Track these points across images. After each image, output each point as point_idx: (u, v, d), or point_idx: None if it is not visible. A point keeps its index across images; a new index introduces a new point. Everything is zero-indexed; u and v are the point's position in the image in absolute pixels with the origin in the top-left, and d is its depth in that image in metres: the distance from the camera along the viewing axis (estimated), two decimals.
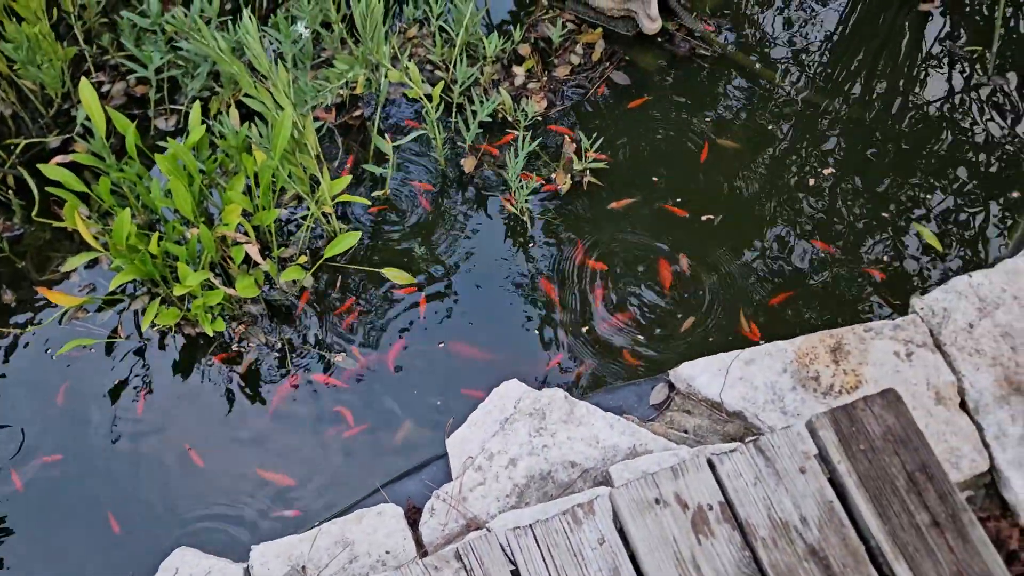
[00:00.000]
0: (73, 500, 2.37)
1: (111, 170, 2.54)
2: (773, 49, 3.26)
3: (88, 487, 2.39)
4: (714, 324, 2.57)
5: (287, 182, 2.56)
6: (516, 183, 2.77)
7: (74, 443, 2.46)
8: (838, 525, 1.76)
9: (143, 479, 2.40)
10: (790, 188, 2.87)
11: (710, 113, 3.06)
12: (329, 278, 2.71)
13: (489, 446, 2.19)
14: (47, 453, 2.44)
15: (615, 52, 3.20)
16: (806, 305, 2.61)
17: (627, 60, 3.18)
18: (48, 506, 2.37)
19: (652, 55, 3.22)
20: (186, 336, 2.61)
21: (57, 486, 2.39)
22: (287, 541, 2.10)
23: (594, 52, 3.19)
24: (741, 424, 2.24)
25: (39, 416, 2.50)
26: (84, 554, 2.29)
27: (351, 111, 3.04)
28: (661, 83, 3.14)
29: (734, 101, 3.11)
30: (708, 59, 3.20)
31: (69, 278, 2.74)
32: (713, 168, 2.92)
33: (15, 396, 2.54)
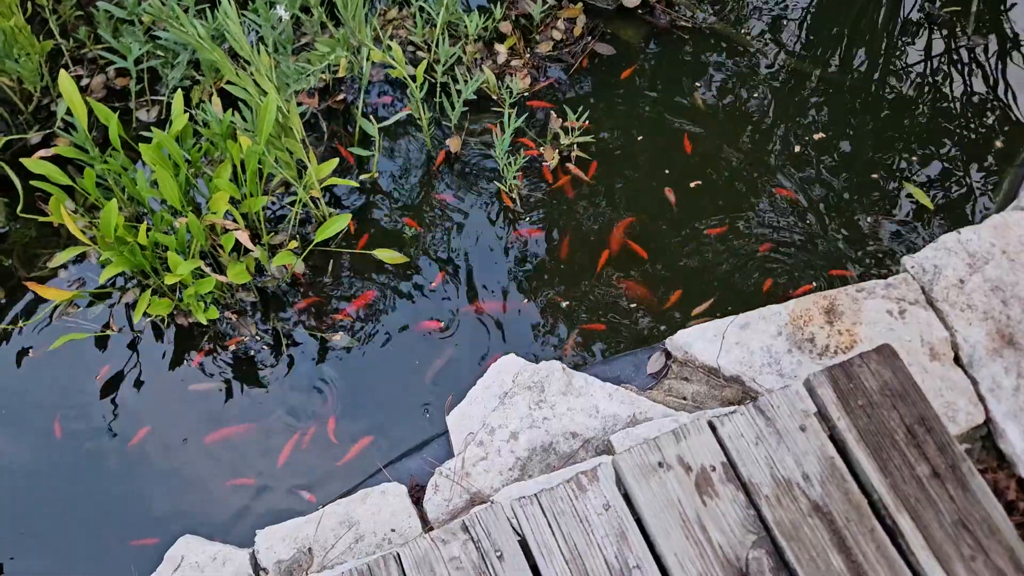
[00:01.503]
0: (74, 490, 2.36)
1: (95, 162, 2.52)
2: (753, 18, 3.26)
3: (87, 479, 2.38)
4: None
5: (274, 167, 2.55)
6: (503, 160, 2.76)
7: (72, 436, 2.44)
8: (840, 480, 1.77)
9: (142, 470, 2.39)
10: (775, 154, 2.88)
11: (692, 84, 3.06)
12: (320, 262, 2.70)
13: (490, 421, 2.19)
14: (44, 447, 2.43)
15: (596, 26, 3.19)
16: (795, 268, 2.62)
17: (609, 34, 3.18)
18: (49, 498, 2.35)
19: (633, 28, 3.22)
20: (179, 326, 2.60)
21: (61, 478, 2.38)
22: (292, 524, 2.10)
23: (576, 27, 3.18)
24: (739, 388, 2.25)
25: (34, 410, 2.49)
26: (86, 545, 2.28)
27: (334, 96, 3.02)
28: (643, 56, 3.14)
29: (715, 71, 3.11)
30: (688, 30, 3.20)
31: (57, 274, 2.72)
32: (697, 138, 2.92)
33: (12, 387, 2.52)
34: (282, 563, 2.05)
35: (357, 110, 2.90)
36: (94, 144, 2.57)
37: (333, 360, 2.53)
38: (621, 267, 2.64)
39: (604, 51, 3.13)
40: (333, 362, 2.53)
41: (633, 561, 1.70)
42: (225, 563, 2.07)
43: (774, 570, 1.68)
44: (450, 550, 1.72)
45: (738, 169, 2.84)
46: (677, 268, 2.64)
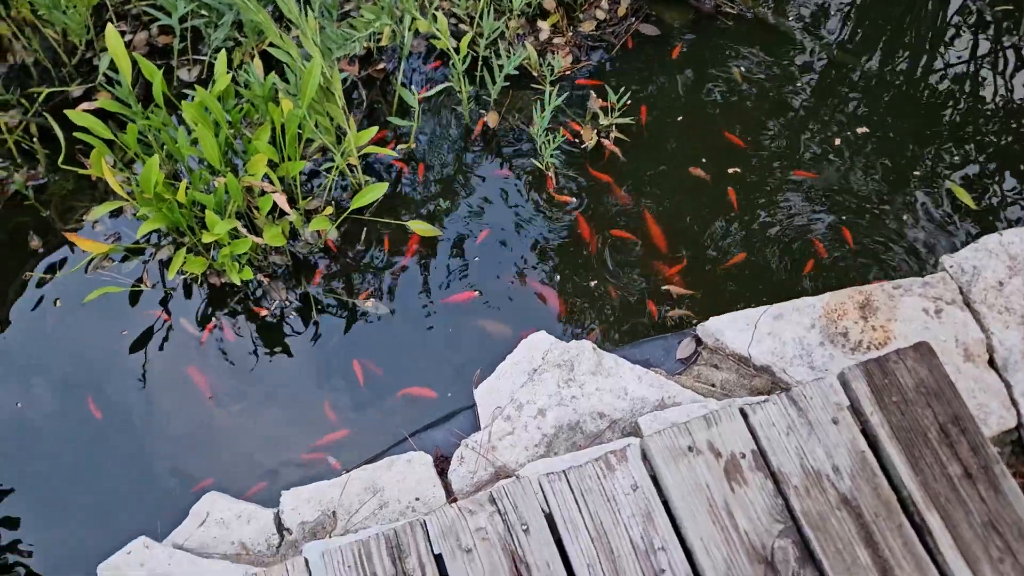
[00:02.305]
0: (105, 444, 2.39)
1: (137, 117, 2.53)
2: (798, 8, 3.22)
3: (118, 433, 2.41)
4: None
5: (314, 132, 2.55)
6: (542, 139, 2.75)
7: (103, 391, 2.47)
8: (870, 475, 1.77)
9: (171, 426, 2.41)
10: (815, 145, 2.85)
11: (733, 70, 3.03)
12: (353, 230, 2.70)
13: (518, 396, 2.20)
14: (74, 402, 2.46)
15: (640, 7, 3.16)
16: (832, 262, 2.60)
17: (653, 15, 3.15)
18: (76, 450, 2.39)
19: (677, 11, 3.18)
20: (211, 286, 2.61)
21: (90, 431, 2.41)
22: (317, 487, 2.12)
23: (619, 7, 3.15)
24: (768, 379, 2.24)
25: (63, 362, 2.52)
26: (114, 499, 2.31)
27: (374, 64, 3.01)
28: (685, 39, 3.11)
29: (758, 59, 3.08)
30: (733, 17, 3.16)
31: (93, 228, 2.73)
32: (737, 125, 2.89)
33: (44, 338, 2.55)
34: (306, 524, 2.07)
35: (397, 80, 2.89)
36: (136, 99, 2.58)
37: (363, 327, 2.54)
38: (653, 250, 2.63)
39: (648, 32, 3.10)
40: (363, 329, 2.54)
41: (659, 543, 1.71)
42: (250, 521, 2.10)
43: (799, 560, 1.69)
44: (477, 521, 1.73)
45: (774, 158, 2.81)
46: (710, 253, 2.62)
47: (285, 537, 2.07)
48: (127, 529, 2.14)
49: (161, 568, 1.97)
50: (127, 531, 2.12)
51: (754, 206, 2.72)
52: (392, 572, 1.69)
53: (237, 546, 2.05)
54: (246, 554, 2.04)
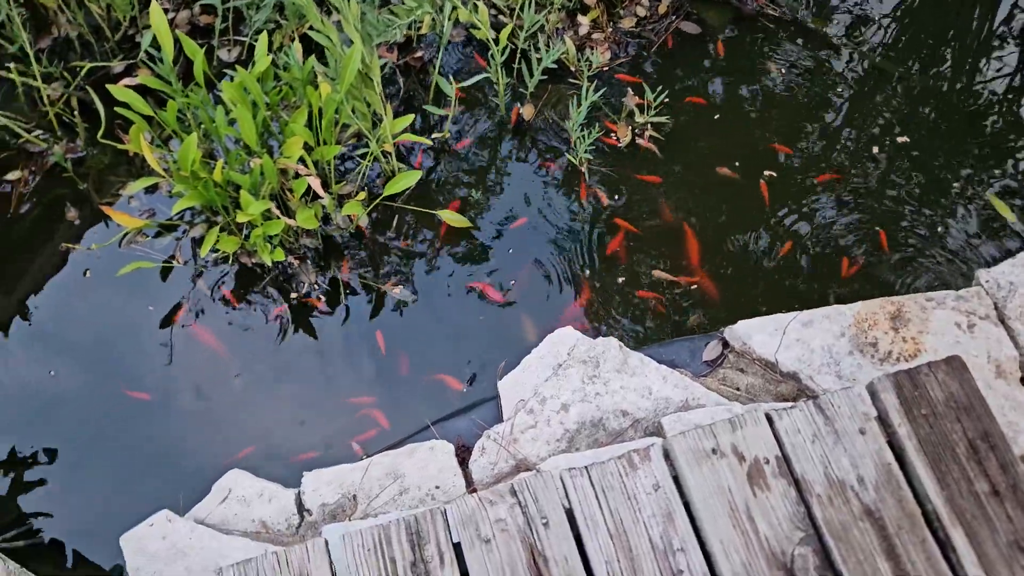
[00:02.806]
0: (132, 415, 2.42)
1: (177, 95, 2.55)
2: (843, 14, 3.18)
3: (143, 405, 2.44)
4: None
5: (350, 117, 2.56)
6: (576, 134, 2.74)
7: (131, 364, 2.50)
8: (895, 487, 1.75)
9: (194, 401, 2.44)
10: (850, 154, 2.82)
11: (773, 72, 3.00)
12: (384, 217, 2.71)
13: (542, 390, 2.20)
14: (102, 373, 2.50)
15: (682, 5, 3.14)
16: (865, 270, 2.58)
17: (694, 14, 3.13)
18: (107, 421, 2.42)
19: (718, 11, 3.16)
20: (243, 265, 2.63)
21: (117, 402, 2.44)
22: (339, 470, 2.14)
23: (660, 5, 3.13)
24: (795, 385, 2.22)
25: (97, 335, 2.55)
26: (138, 470, 2.34)
27: (413, 52, 3.02)
28: (726, 40, 3.08)
29: (798, 62, 3.04)
30: (774, 19, 3.13)
31: (129, 202, 2.77)
32: (774, 129, 2.87)
33: (76, 309, 2.58)
34: (326, 506, 2.08)
35: (435, 68, 2.89)
36: (177, 77, 2.60)
37: (390, 313, 2.55)
38: (684, 250, 2.62)
39: (689, 30, 3.08)
40: (390, 315, 2.55)
41: (678, 543, 1.71)
42: (271, 500, 2.12)
43: (819, 569, 1.67)
44: (497, 512, 1.73)
45: (810, 163, 2.79)
46: (739, 255, 2.61)
47: (305, 518, 2.09)
48: (150, 501, 2.17)
49: (182, 542, 1.99)
50: (150, 503, 2.15)
51: (787, 210, 2.70)
52: (411, 558, 1.70)
53: (257, 524, 2.07)
54: (266, 532, 2.06)
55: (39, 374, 2.50)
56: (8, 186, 2.77)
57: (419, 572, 1.69)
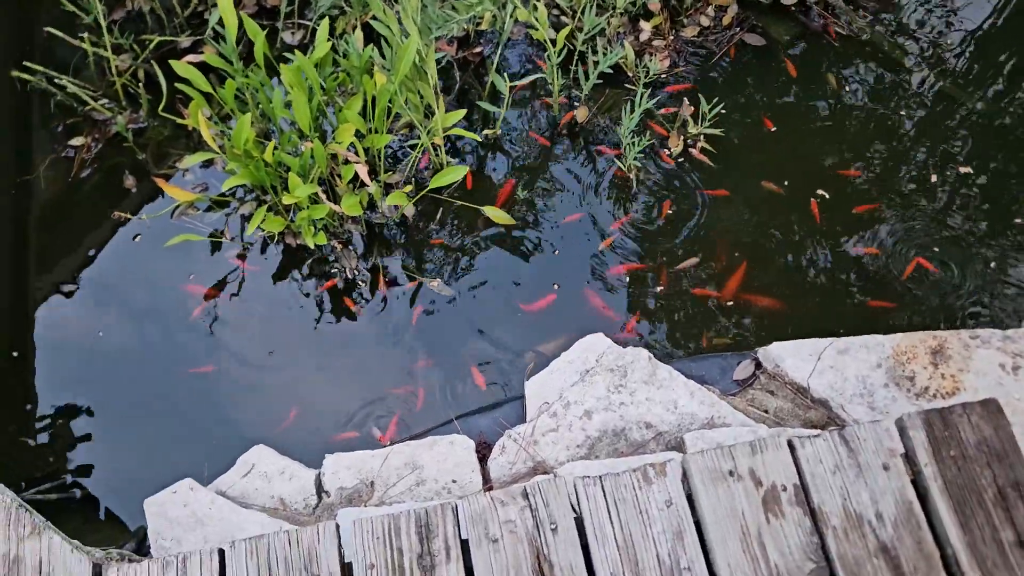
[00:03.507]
0: (168, 382, 2.49)
1: (237, 75, 2.60)
2: (913, 37, 3.09)
3: (179, 373, 2.50)
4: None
5: (403, 108, 2.58)
6: (628, 139, 2.73)
7: (173, 332, 2.57)
8: (915, 527, 1.71)
9: (227, 374, 2.49)
10: (909, 181, 2.75)
11: (834, 90, 2.94)
12: (430, 209, 2.74)
13: (567, 395, 2.20)
14: (146, 338, 2.57)
15: (747, 18, 3.09)
16: (910, 301, 2.51)
17: (759, 27, 3.08)
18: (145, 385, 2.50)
19: (784, 26, 3.10)
20: (287, 246, 2.68)
21: (157, 368, 2.52)
22: (359, 455, 2.17)
23: (725, 16, 3.09)
24: (824, 413, 2.18)
25: (142, 301, 2.63)
26: (170, 437, 2.41)
27: (471, 47, 3.03)
28: (790, 55, 3.03)
29: (862, 83, 2.98)
30: (841, 37, 3.07)
31: (183, 176, 2.84)
32: (831, 148, 2.81)
33: (129, 276, 2.67)
34: (344, 490, 2.12)
35: (492, 65, 2.90)
36: (239, 57, 2.66)
37: (427, 305, 2.57)
38: (727, 266, 2.58)
39: (753, 42, 3.03)
40: (427, 306, 2.57)
41: (685, 563, 1.69)
42: (292, 478, 2.16)
43: None
44: (507, 513, 1.74)
45: (865, 185, 2.72)
46: (780, 274, 2.56)
47: (323, 499, 2.12)
48: (178, 468, 2.23)
49: (202, 511, 2.04)
50: (177, 470, 2.20)
51: (835, 232, 2.64)
52: (418, 550, 1.71)
53: (276, 501, 2.12)
54: (283, 510, 2.10)
55: (90, 333, 2.58)
56: (72, 151, 2.86)
57: (425, 565, 1.71)
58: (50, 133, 2.92)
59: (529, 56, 3.05)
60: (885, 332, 2.26)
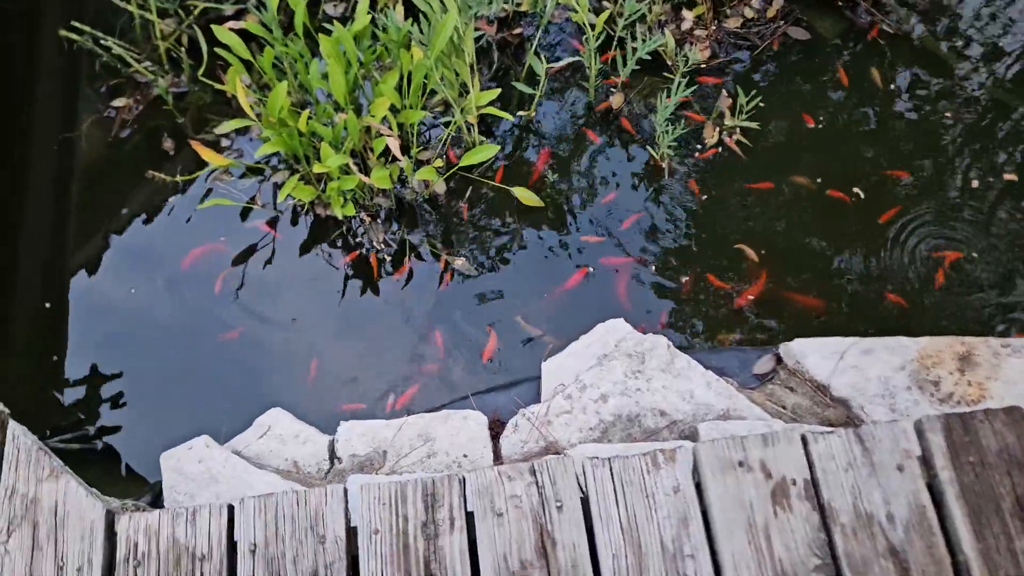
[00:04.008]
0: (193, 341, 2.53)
1: (276, 43, 2.63)
2: (965, 40, 3.02)
3: (205, 332, 2.54)
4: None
5: (438, 85, 2.59)
6: (662, 128, 2.70)
7: (199, 293, 2.61)
8: (927, 532, 1.68)
9: (248, 337, 2.53)
10: (953, 187, 2.69)
11: (880, 93, 2.88)
12: (459, 187, 2.74)
13: (583, 378, 2.19)
14: (174, 297, 2.61)
15: (792, 11, 3.04)
16: (941, 305, 2.46)
17: (804, 21, 3.03)
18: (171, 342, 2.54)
19: (830, 21, 3.05)
20: (316, 216, 2.71)
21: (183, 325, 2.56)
22: (373, 424, 2.18)
23: (770, 8, 3.04)
24: (844, 412, 2.15)
25: (173, 260, 2.67)
26: (191, 394, 2.45)
27: (511, 28, 3.03)
28: (835, 52, 2.98)
29: (908, 82, 2.91)
30: (888, 35, 3.00)
31: (220, 142, 2.88)
32: (871, 147, 2.76)
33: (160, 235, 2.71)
34: (356, 457, 2.13)
35: (530, 47, 2.90)
36: (279, 26, 2.68)
37: (450, 282, 2.58)
38: (754, 257, 2.55)
39: (798, 36, 2.99)
40: (450, 284, 2.58)
41: (689, 550, 1.68)
42: (306, 443, 2.18)
43: None
44: (513, 487, 1.74)
45: (901, 187, 2.67)
46: (807, 271, 2.53)
47: (335, 465, 2.14)
48: (196, 428, 2.26)
49: (216, 468, 2.08)
50: (195, 430, 2.24)
51: (869, 232, 2.59)
52: (423, 519, 1.72)
53: (289, 463, 2.14)
54: (296, 473, 2.13)
55: (122, 288, 2.63)
56: (113, 112, 2.92)
57: (429, 533, 1.72)
58: (94, 93, 2.97)
59: (568, 40, 3.04)
60: (912, 335, 2.22)
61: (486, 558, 1.69)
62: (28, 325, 2.63)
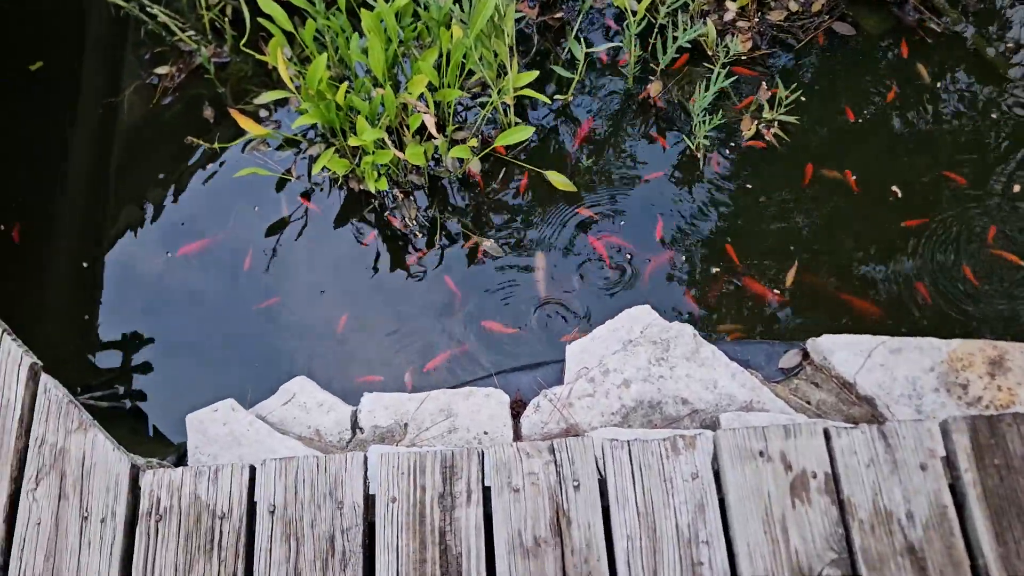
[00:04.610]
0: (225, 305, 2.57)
1: (319, 16, 2.65)
2: (1016, 44, 2.95)
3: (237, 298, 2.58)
4: None
5: (476, 64, 2.59)
6: (699, 117, 2.69)
7: (234, 258, 2.65)
8: (946, 532, 1.66)
9: (277, 311, 2.56)
10: (991, 193, 2.64)
11: (925, 92, 2.84)
12: (493, 169, 2.75)
13: (607, 362, 2.19)
14: (208, 267, 2.65)
15: (837, 6, 3.00)
16: (973, 308, 2.43)
17: (849, 16, 2.98)
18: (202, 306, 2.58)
19: (877, 18, 3.00)
20: (349, 190, 2.73)
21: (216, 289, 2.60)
22: (396, 397, 2.20)
23: (815, 3, 3.00)
24: (868, 411, 2.13)
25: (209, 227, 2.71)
26: (221, 359, 2.49)
27: (553, 12, 3.02)
28: (880, 49, 2.93)
29: (953, 87, 2.86)
30: (936, 35, 2.95)
31: (258, 113, 2.90)
32: (911, 147, 2.72)
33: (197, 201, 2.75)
34: (378, 428, 2.15)
35: (571, 31, 2.89)
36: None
37: (479, 262, 2.59)
38: (783, 250, 2.53)
39: (843, 31, 2.95)
40: (479, 264, 2.59)
41: (704, 536, 1.68)
42: (329, 412, 2.21)
43: None
44: (531, 465, 1.75)
45: (938, 189, 2.63)
46: (840, 266, 2.50)
47: (357, 435, 2.17)
48: (222, 389, 2.30)
49: (240, 431, 2.11)
50: (222, 392, 2.27)
51: (903, 231, 2.56)
52: (440, 490, 1.74)
53: (312, 431, 2.17)
54: (318, 440, 2.15)
55: (159, 253, 2.68)
56: (156, 79, 2.96)
57: (445, 505, 1.73)
58: (138, 60, 3.02)
59: (608, 26, 3.02)
60: (943, 337, 2.19)
61: (501, 532, 1.70)
62: (65, 284, 2.68)
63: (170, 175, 2.80)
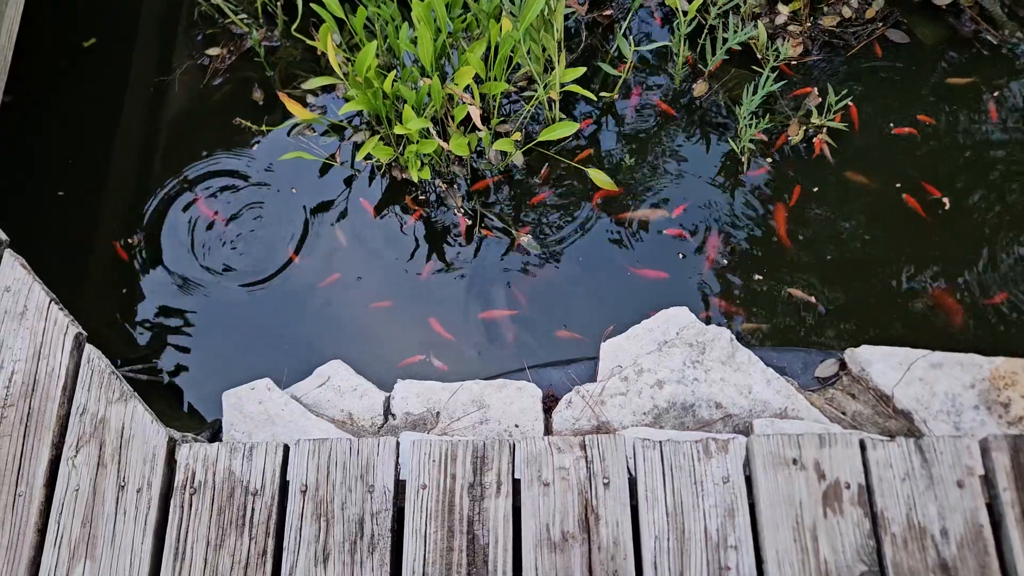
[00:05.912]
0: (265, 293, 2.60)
1: (370, 4, 2.66)
2: None
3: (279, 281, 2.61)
4: None
5: (524, 58, 2.59)
6: (745, 121, 2.66)
7: (277, 246, 2.68)
8: (981, 552, 1.64)
9: (315, 295, 2.58)
10: None
11: (978, 105, 2.78)
12: (536, 163, 2.75)
13: (641, 362, 2.19)
14: (251, 248, 2.69)
15: (892, 13, 2.95)
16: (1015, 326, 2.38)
17: (903, 24, 2.94)
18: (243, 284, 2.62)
19: (931, 27, 2.95)
20: (392, 178, 2.75)
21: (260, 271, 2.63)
22: (430, 385, 2.21)
23: (869, 9, 2.96)
24: (905, 424, 2.10)
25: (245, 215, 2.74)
26: (259, 343, 2.52)
27: (602, 9, 3.01)
28: (934, 59, 2.88)
29: (1008, 101, 2.81)
30: (992, 47, 2.89)
31: (305, 98, 2.93)
32: (961, 160, 2.67)
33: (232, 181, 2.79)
34: (410, 415, 2.17)
35: (619, 28, 2.88)
36: None
37: (518, 256, 2.59)
38: (827, 260, 2.51)
39: (897, 39, 2.90)
40: (517, 258, 2.59)
41: (733, 541, 1.67)
42: (363, 397, 2.23)
43: None
44: (562, 460, 1.76)
45: (992, 204, 2.58)
46: (884, 280, 2.47)
47: (388, 421, 2.18)
48: (259, 369, 2.34)
49: (274, 410, 2.13)
50: (258, 371, 2.31)
51: (952, 244, 2.52)
52: (470, 480, 1.75)
53: (345, 415, 2.19)
54: (350, 424, 2.17)
55: (198, 232, 2.72)
56: (207, 60, 3.00)
57: (475, 495, 1.74)
58: (190, 41, 3.06)
59: (657, 25, 3.01)
60: (986, 354, 2.16)
61: (529, 525, 1.71)
62: (109, 258, 2.73)
63: (215, 155, 2.84)
